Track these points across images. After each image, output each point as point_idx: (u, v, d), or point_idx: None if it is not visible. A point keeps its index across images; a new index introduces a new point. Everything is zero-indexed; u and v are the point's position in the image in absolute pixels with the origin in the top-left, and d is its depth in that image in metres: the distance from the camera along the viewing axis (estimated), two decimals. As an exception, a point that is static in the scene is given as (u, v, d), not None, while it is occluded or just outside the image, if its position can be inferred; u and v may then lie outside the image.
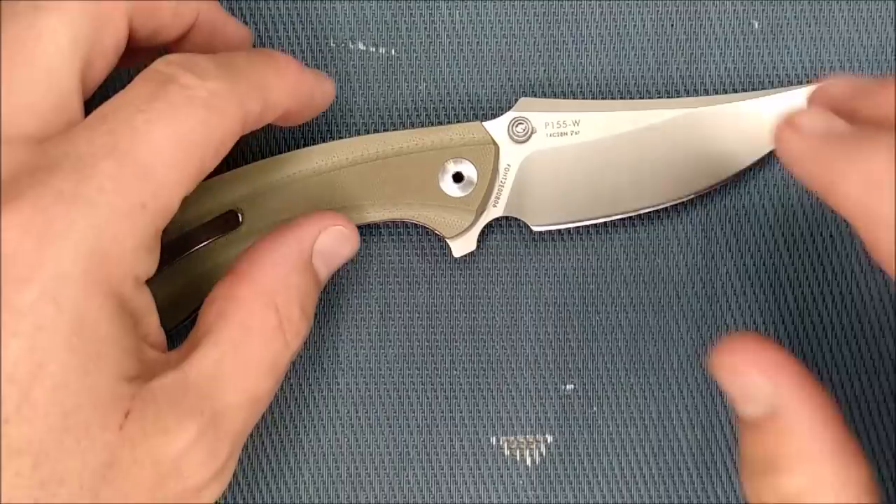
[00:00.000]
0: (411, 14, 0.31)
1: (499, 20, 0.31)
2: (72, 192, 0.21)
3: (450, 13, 0.31)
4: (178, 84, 0.22)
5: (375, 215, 0.29)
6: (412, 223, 0.30)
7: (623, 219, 0.31)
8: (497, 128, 0.29)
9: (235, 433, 0.24)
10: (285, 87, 0.25)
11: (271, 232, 0.27)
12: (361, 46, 0.31)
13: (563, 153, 0.29)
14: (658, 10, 0.31)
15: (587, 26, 0.31)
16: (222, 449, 0.23)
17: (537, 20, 0.31)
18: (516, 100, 0.30)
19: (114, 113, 0.22)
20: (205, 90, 0.23)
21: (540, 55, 0.31)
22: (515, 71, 0.31)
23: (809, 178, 0.21)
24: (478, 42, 0.31)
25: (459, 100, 0.31)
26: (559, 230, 0.31)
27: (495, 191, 0.30)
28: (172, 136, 0.22)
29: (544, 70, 0.31)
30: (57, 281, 0.20)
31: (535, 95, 0.31)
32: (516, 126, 0.29)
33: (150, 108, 0.22)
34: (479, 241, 0.30)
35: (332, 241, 0.27)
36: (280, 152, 0.30)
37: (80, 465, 0.21)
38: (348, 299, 0.31)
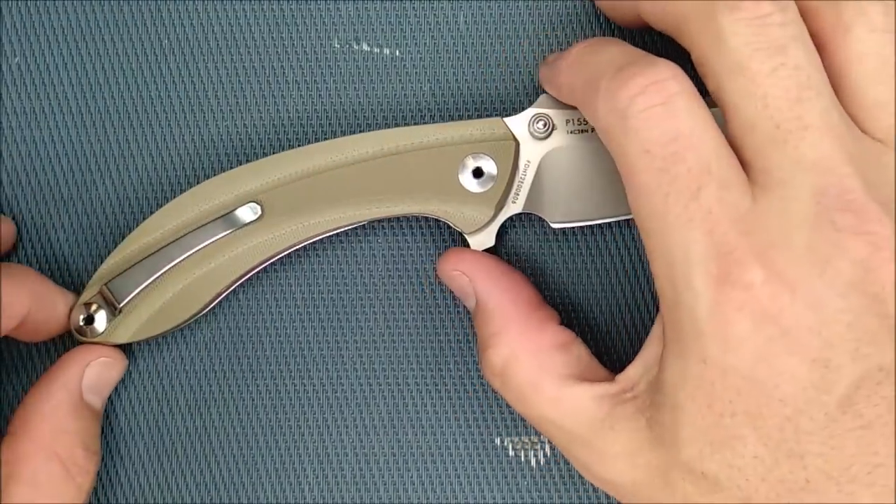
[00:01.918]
0: (415, 15, 0.31)
1: (503, 21, 0.31)
2: None
3: (454, 14, 0.31)
4: None
5: (395, 209, 0.29)
6: (433, 218, 0.30)
7: None
8: (517, 124, 0.29)
9: None
10: (23, 301, 0.27)
11: (37, 382, 0.28)
12: (365, 47, 0.31)
13: (584, 150, 0.29)
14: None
15: (591, 27, 0.31)
16: None
17: (541, 21, 0.31)
18: (519, 101, 0.30)
19: None
20: None
21: (543, 56, 0.31)
22: (519, 72, 0.31)
23: (548, 85, 0.29)
24: (481, 43, 0.31)
25: (463, 101, 0.31)
26: (579, 227, 0.31)
27: (514, 187, 0.29)
28: None
29: (548, 71, 0.31)
30: None
31: (539, 97, 0.31)
32: (536, 122, 0.29)
33: None
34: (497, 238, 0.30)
35: (99, 373, 0.29)
36: (298, 146, 0.30)
37: None
38: (353, 300, 0.31)
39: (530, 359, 0.27)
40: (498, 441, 0.31)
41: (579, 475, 0.31)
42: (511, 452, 0.31)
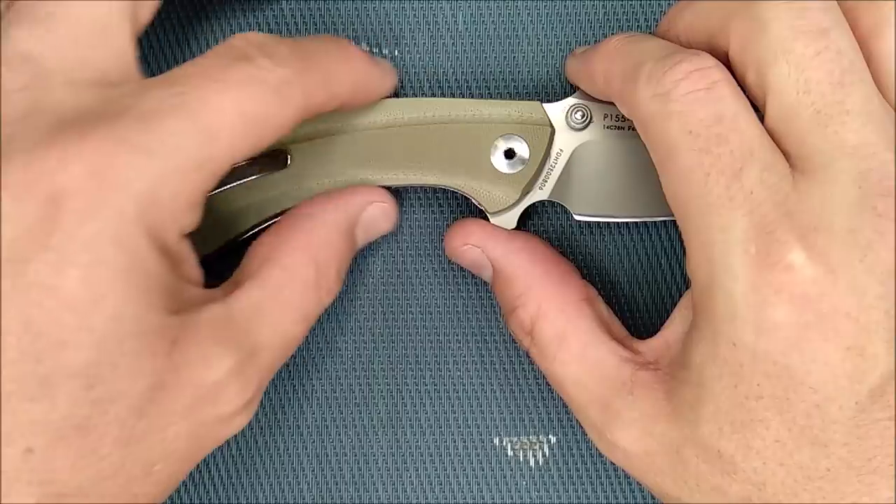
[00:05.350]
0: (414, 15, 0.31)
1: (501, 21, 0.31)
2: (134, 141, 0.22)
3: (452, 14, 0.31)
4: (253, 64, 0.24)
5: (422, 179, 0.29)
6: (462, 194, 0.30)
7: (666, 221, 0.30)
8: (555, 111, 0.29)
9: (265, 370, 0.26)
10: (351, 80, 0.27)
11: (323, 194, 0.28)
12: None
13: (617, 147, 0.29)
14: (662, 9, 0.31)
15: (591, 27, 0.31)
16: (253, 382, 0.25)
17: (540, 21, 0.31)
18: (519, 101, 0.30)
19: (186, 78, 0.23)
20: (275, 75, 0.24)
21: (543, 56, 0.31)
22: (519, 72, 0.31)
23: (578, 76, 0.29)
24: (480, 43, 0.31)
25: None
26: (602, 222, 0.31)
27: (544, 173, 0.29)
28: (239, 108, 0.23)
29: (547, 71, 0.31)
30: (115, 221, 0.22)
31: (539, 97, 0.31)
32: (575, 112, 0.29)
33: (223, 78, 0.23)
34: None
35: (376, 216, 0.29)
36: None
37: (131, 387, 0.22)
38: (352, 299, 0.32)
39: (558, 313, 0.27)
40: (497, 441, 0.31)
41: (578, 475, 0.31)
42: (510, 452, 0.31)
